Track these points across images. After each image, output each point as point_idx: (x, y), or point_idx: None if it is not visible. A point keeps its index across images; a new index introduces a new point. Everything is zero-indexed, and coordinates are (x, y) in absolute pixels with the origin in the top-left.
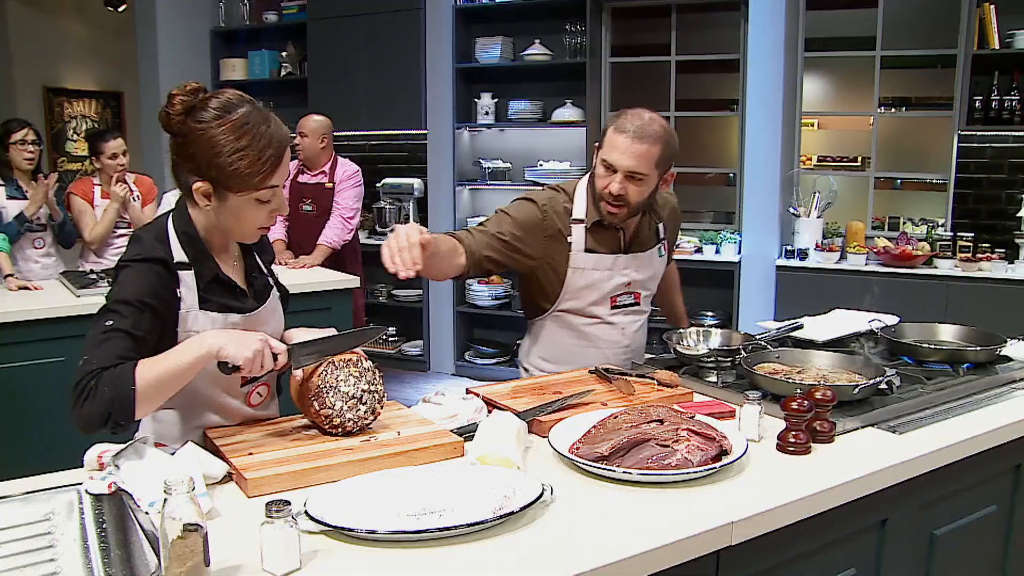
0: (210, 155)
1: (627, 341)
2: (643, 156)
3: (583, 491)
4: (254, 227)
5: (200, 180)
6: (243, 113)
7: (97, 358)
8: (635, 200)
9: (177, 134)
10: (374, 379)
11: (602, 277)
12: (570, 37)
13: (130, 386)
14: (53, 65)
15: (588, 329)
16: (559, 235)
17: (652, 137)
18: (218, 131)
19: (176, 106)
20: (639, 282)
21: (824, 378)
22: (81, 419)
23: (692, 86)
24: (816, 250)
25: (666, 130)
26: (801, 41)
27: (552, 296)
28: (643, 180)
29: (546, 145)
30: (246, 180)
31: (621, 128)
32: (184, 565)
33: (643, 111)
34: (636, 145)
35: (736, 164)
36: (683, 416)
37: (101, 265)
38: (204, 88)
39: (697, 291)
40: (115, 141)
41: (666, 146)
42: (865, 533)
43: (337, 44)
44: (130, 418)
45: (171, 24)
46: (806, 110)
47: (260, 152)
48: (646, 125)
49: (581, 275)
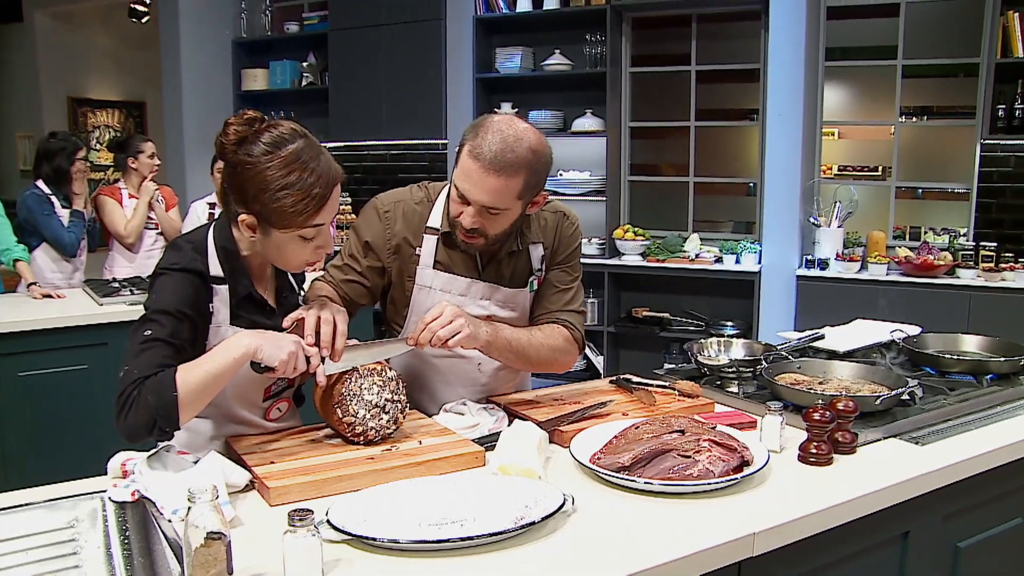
0: (256, 190)
1: (485, 379)
2: (500, 191)
3: (604, 501)
4: (298, 261)
5: (246, 212)
6: (293, 149)
7: (138, 368)
8: (493, 233)
9: (228, 163)
10: (397, 389)
11: (453, 303)
12: (590, 47)
13: (172, 392)
14: (78, 75)
15: (437, 362)
16: (405, 244)
17: (513, 166)
18: (266, 167)
19: (230, 136)
20: (501, 318)
21: (846, 389)
22: (127, 429)
23: (712, 96)
24: (837, 260)
25: (534, 152)
26: (822, 50)
27: (399, 319)
28: (500, 214)
29: (566, 155)
30: (290, 218)
31: (476, 152)
32: (207, 573)
33: (508, 124)
34: (491, 179)
35: (756, 174)
36: (704, 427)
37: (125, 273)
38: (262, 118)
39: (717, 300)
40: (150, 143)
41: (532, 173)
42: (888, 545)
43: (358, 54)
44: (175, 424)
45: (194, 35)
46: (826, 119)
47: (307, 191)
48: (507, 150)
49: (428, 295)
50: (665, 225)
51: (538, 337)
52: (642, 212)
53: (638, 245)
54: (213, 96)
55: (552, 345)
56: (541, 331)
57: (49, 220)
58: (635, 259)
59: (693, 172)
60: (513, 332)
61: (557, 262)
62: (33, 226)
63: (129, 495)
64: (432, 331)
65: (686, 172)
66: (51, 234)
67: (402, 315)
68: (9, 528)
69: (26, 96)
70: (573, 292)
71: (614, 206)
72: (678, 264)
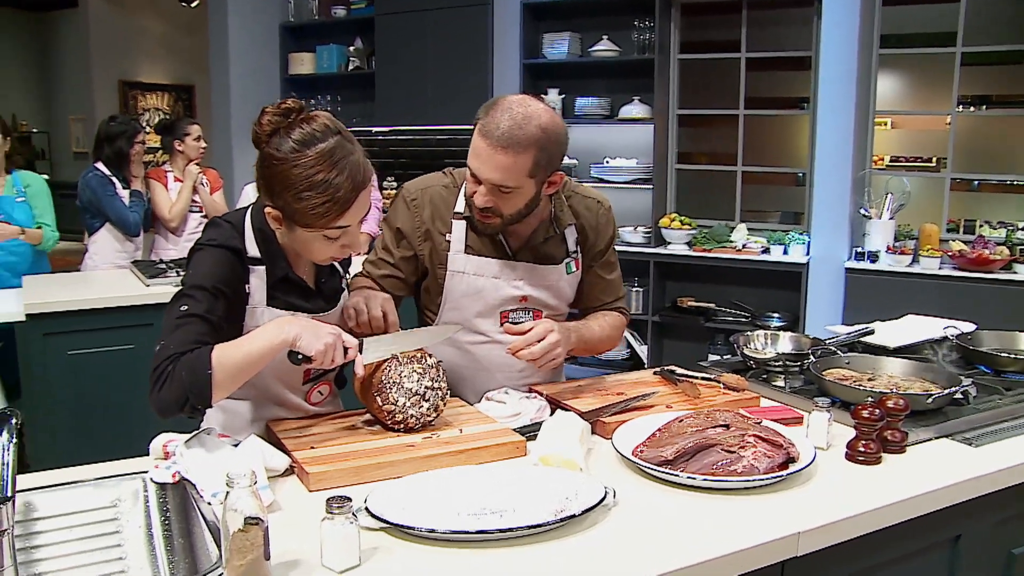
0: (282, 187)
1: (522, 365)
2: (509, 169)
3: (646, 495)
4: (323, 257)
5: (272, 206)
6: (323, 148)
7: (174, 343)
8: (507, 212)
9: (260, 153)
10: (438, 376)
11: (487, 285)
12: (639, 33)
13: (207, 371)
14: (129, 59)
15: (475, 349)
16: (435, 231)
17: (521, 144)
18: (292, 166)
19: (264, 126)
20: (537, 299)
21: (896, 386)
22: (159, 403)
23: (762, 83)
24: (887, 252)
25: (544, 130)
26: (876, 37)
27: (434, 306)
28: (512, 192)
29: (613, 142)
30: (313, 219)
31: (486, 131)
32: (244, 558)
33: (520, 103)
34: (499, 156)
35: (806, 164)
36: (750, 421)
37: (171, 256)
38: (299, 108)
39: (763, 292)
40: (197, 126)
41: (542, 151)
42: (937, 549)
43: (404, 39)
44: (207, 402)
45: (241, 19)
46: (879, 109)
47: (331, 194)
48: (516, 128)
49: (461, 280)
50: (712, 214)
51: (605, 330)
52: (689, 201)
53: (684, 234)
54: (260, 80)
55: (612, 335)
56: (603, 320)
57: (113, 201)
58: (681, 248)
59: (741, 161)
60: (589, 331)
61: (599, 252)
62: (97, 207)
63: (170, 476)
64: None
65: (734, 161)
66: (115, 215)
67: (436, 303)
68: (56, 505)
69: (79, 80)
70: (616, 277)
71: (660, 194)
72: (725, 254)
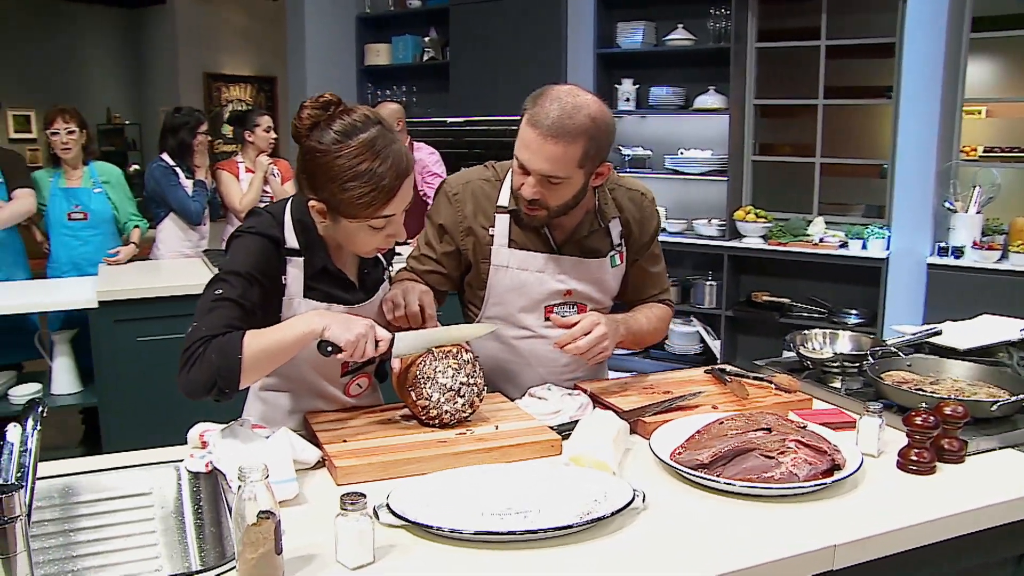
0: (325, 178)
1: (566, 360)
2: (559, 159)
3: (680, 499)
4: (368, 248)
5: (316, 199)
6: (364, 139)
7: (206, 325)
8: (554, 204)
9: (301, 148)
10: (474, 372)
11: (531, 280)
12: (714, 21)
13: (237, 355)
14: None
15: (518, 344)
16: (477, 225)
17: (572, 133)
18: (334, 157)
19: (304, 120)
20: (582, 293)
21: (959, 391)
22: (187, 384)
23: (843, 72)
24: (973, 248)
25: (593, 120)
26: (968, 20)
27: (477, 301)
28: (562, 183)
29: (688, 133)
30: (358, 209)
31: (535, 120)
32: (256, 552)
33: (568, 93)
34: (550, 146)
35: (888, 155)
36: (793, 426)
37: None
38: (338, 101)
39: (841, 288)
40: (267, 117)
41: (591, 141)
42: (996, 569)
43: (479, 29)
44: (235, 387)
45: (319, 10)
46: (971, 96)
47: (375, 183)
48: (566, 117)
49: (505, 274)
50: (789, 207)
51: (652, 322)
52: (765, 193)
53: (760, 227)
54: (337, 71)
55: (659, 327)
56: (650, 312)
57: (175, 190)
58: (756, 242)
59: (820, 152)
60: (636, 323)
61: (644, 244)
62: (160, 197)
63: (203, 466)
64: (577, 347)
65: (812, 152)
66: (177, 203)
67: (479, 297)
68: (96, 489)
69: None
70: (661, 269)
71: (736, 186)
72: (801, 248)
